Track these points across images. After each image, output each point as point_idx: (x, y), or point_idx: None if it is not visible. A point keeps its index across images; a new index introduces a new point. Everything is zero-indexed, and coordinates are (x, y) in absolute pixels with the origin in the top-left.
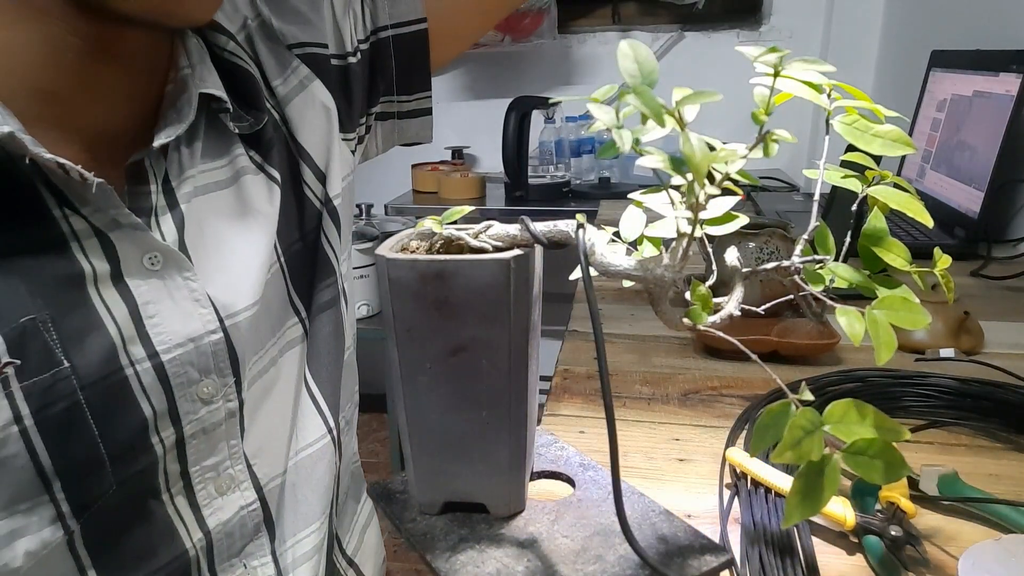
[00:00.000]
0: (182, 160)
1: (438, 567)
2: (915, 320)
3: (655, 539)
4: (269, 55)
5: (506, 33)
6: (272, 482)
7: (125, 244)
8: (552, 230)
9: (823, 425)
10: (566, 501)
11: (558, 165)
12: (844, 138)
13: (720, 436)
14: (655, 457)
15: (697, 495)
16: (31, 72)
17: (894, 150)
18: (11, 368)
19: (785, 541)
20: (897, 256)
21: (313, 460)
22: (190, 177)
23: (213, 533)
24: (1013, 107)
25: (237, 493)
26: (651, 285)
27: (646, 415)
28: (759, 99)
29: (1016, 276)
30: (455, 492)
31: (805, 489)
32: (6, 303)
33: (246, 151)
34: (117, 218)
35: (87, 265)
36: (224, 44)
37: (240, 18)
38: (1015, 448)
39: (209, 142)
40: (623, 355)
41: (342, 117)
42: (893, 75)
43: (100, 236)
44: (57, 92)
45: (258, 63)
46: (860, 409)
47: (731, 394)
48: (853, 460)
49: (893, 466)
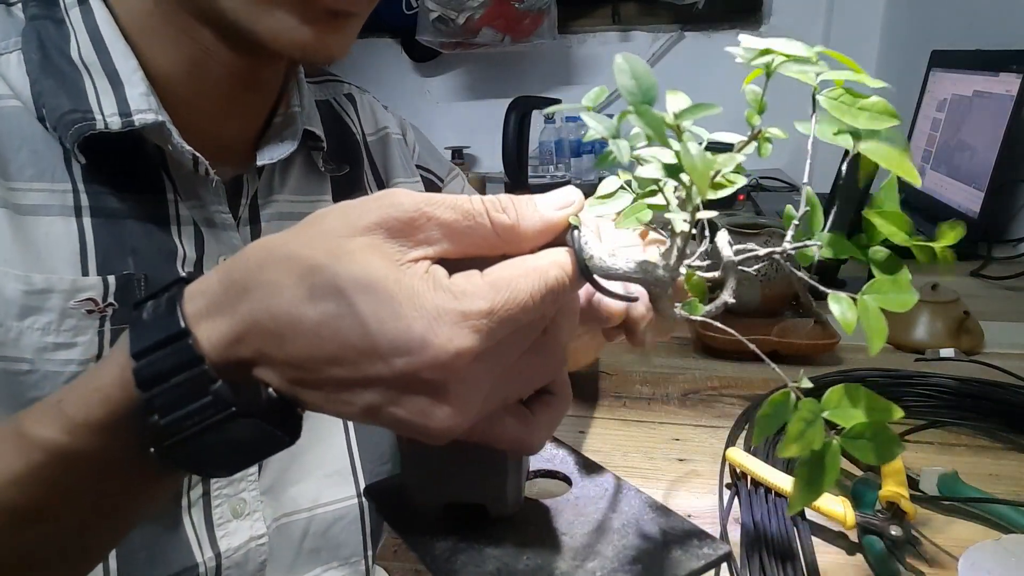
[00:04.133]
0: (273, 184)
1: (438, 568)
2: (904, 302)
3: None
4: (400, 160)
5: (506, 33)
6: (275, 524)
7: (212, 241)
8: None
9: (823, 412)
10: (564, 499)
11: (558, 165)
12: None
13: (720, 436)
14: (655, 457)
15: (697, 495)
16: (179, 87)
17: (879, 122)
18: (111, 309)
19: (785, 541)
20: (898, 230)
21: (334, 517)
22: (276, 201)
23: (223, 556)
24: (1013, 107)
25: (249, 522)
26: (651, 286)
27: (646, 415)
28: (751, 100)
29: (1016, 276)
30: (453, 493)
31: (808, 476)
32: (112, 254)
33: (333, 197)
34: (214, 216)
35: (180, 247)
36: (344, 104)
37: (380, 125)
38: (1015, 448)
39: (301, 175)
40: (623, 355)
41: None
42: (893, 75)
43: (195, 228)
44: (194, 104)
45: (386, 162)
46: (854, 393)
47: (731, 394)
48: (851, 444)
49: (888, 445)
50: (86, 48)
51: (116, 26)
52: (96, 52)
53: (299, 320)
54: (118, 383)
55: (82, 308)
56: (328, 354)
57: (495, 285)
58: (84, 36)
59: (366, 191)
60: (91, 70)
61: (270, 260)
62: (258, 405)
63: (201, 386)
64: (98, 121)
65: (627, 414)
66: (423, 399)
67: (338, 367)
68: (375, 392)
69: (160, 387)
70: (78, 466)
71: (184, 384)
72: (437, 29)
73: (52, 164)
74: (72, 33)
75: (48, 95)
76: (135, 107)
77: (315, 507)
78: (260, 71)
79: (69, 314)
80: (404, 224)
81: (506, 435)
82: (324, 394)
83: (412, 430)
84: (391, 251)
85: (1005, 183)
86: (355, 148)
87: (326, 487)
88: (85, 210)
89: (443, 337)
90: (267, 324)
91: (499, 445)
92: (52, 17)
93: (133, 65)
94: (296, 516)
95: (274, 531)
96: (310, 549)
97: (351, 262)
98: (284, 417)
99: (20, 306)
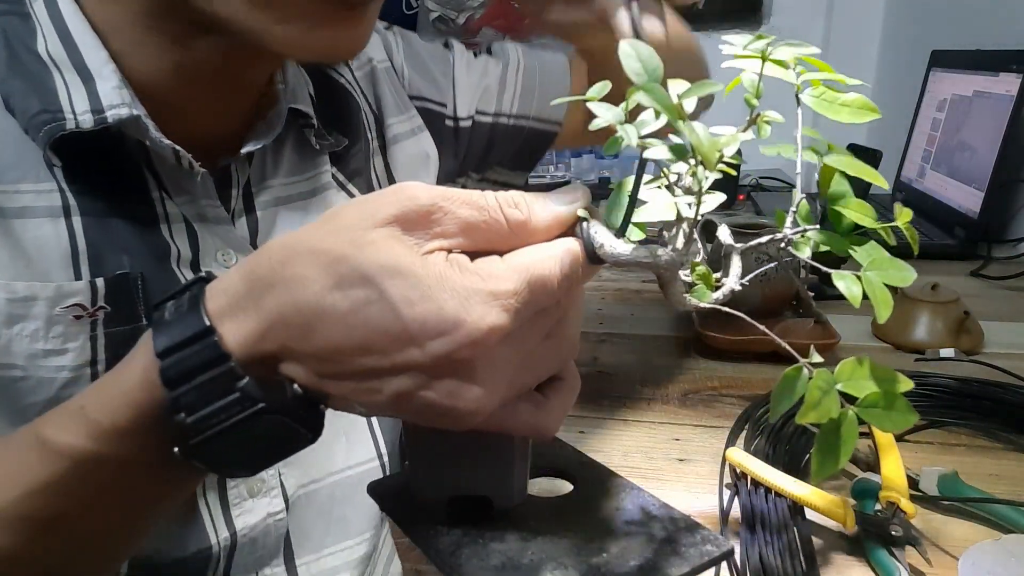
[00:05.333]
0: (265, 169)
1: (442, 562)
2: (903, 277)
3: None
4: (391, 96)
5: (506, 33)
6: (300, 490)
7: (207, 236)
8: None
9: (836, 383)
10: (567, 498)
11: (558, 165)
12: (814, 110)
13: (720, 436)
14: (655, 457)
15: (697, 495)
16: (162, 87)
17: (861, 117)
18: (102, 312)
19: (785, 541)
20: (864, 216)
21: (357, 481)
22: (270, 187)
23: (239, 535)
24: (1013, 107)
25: (267, 499)
26: (661, 270)
27: (646, 415)
28: (748, 84)
29: (1016, 276)
30: (459, 485)
31: (827, 447)
32: (106, 253)
33: (331, 167)
34: (206, 211)
35: (173, 245)
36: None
37: (364, 58)
38: (1015, 448)
39: (295, 156)
40: (623, 355)
41: (444, 169)
42: (893, 75)
43: (187, 225)
44: (178, 102)
45: (377, 100)
46: (863, 365)
47: (731, 394)
48: (867, 413)
49: (902, 412)
50: (53, 43)
51: (83, 17)
52: (64, 46)
53: (327, 310)
54: (142, 384)
55: (69, 314)
56: (358, 342)
57: (517, 268)
58: (51, 30)
59: (368, 159)
60: (60, 66)
61: (293, 255)
62: (283, 402)
63: (228, 383)
64: (68, 121)
65: (627, 414)
66: (453, 381)
67: (368, 355)
68: (406, 378)
69: (186, 385)
70: (103, 472)
71: (211, 382)
72: (437, 29)
73: (34, 165)
74: (39, 27)
75: (17, 96)
76: (107, 102)
77: (338, 472)
78: (253, 70)
79: (56, 320)
80: (420, 217)
81: (522, 421)
82: (353, 384)
83: (440, 413)
84: (411, 242)
85: (1005, 183)
86: (349, 104)
87: (347, 450)
88: (73, 209)
89: (476, 315)
90: (293, 318)
91: (516, 431)
92: (18, 12)
93: (103, 57)
94: (321, 483)
95: (299, 501)
96: (338, 517)
97: (375, 250)
98: (307, 414)
99: (6, 314)
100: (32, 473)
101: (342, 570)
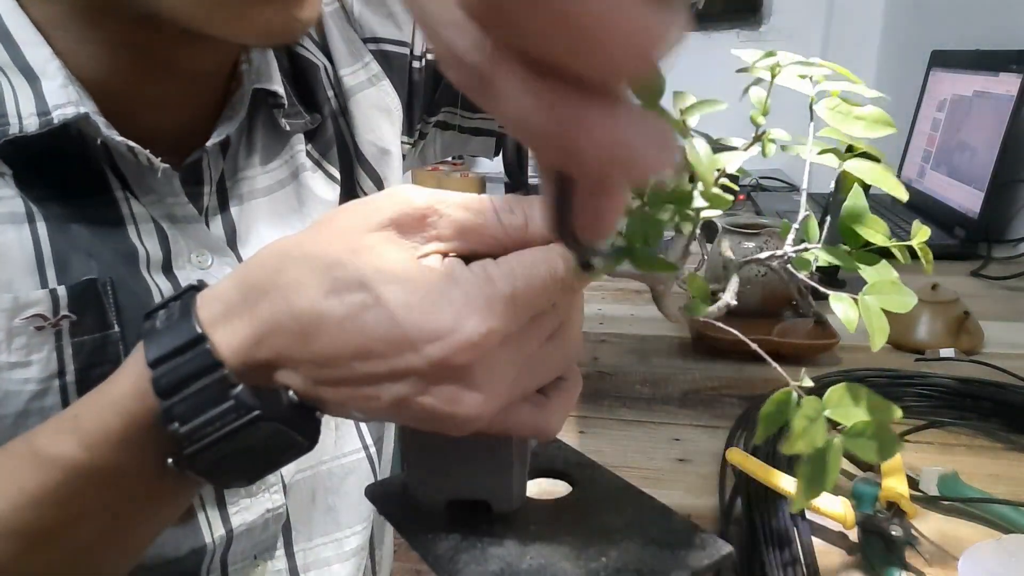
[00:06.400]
0: (238, 160)
1: (441, 567)
2: (904, 303)
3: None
4: (342, 43)
5: None
6: (298, 475)
7: (178, 237)
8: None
9: (824, 410)
10: (566, 500)
11: None
12: (827, 122)
13: (720, 436)
14: (655, 457)
15: (697, 495)
16: (113, 83)
17: (875, 131)
18: (67, 322)
19: (785, 541)
20: (876, 232)
21: (344, 471)
22: (245, 179)
23: (235, 531)
24: (1013, 107)
25: (266, 496)
26: (655, 282)
27: (646, 415)
28: (756, 101)
29: (1016, 276)
30: (457, 489)
31: (812, 473)
32: (72, 259)
33: (305, 145)
34: (174, 210)
35: (141, 248)
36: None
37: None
38: (1015, 448)
39: (268, 139)
40: (623, 355)
41: (405, 119)
42: (893, 75)
43: (156, 225)
44: (132, 97)
45: (326, 49)
46: (855, 392)
47: (731, 394)
48: (853, 442)
49: (888, 443)
50: None
51: (23, 13)
52: (5, 46)
53: (323, 316)
54: (135, 394)
55: (30, 325)
56: (355, 348)
57: (512, 272)
58: None
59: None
60: (4, 68)
61: (287, 261)
62: (279, 409)
63: (222, 391)
64: (12, 125)
65: (627, 414)
66: (452, 387)
67: (365, 361)
68: (404, 384)
69: (180, 394)
70: (96, 483)
71: (204, 390)
72: None
73: None
74: None
75: None
76: (53, 102)
77: (328, 460)
78: (204, 58)
79: (17, 332)
80: (416, 220)
81: (523, 421)
82: (350, 391)
83: (440, 419)
84: (407, 245)
85: (1005, 183)
86: (318, 76)
87: (335, 440)
88: (37, 214)
89: (473, 319)
90: (289, 325)
91: (517, 432)
92: None
93: (47, 54)
94: (310, 471)
95: (291, 488)
96: (328, 507)
97: (371, 255)
98: (304, 421)
99: None
100: (25, 484)
101: (334, 561)
